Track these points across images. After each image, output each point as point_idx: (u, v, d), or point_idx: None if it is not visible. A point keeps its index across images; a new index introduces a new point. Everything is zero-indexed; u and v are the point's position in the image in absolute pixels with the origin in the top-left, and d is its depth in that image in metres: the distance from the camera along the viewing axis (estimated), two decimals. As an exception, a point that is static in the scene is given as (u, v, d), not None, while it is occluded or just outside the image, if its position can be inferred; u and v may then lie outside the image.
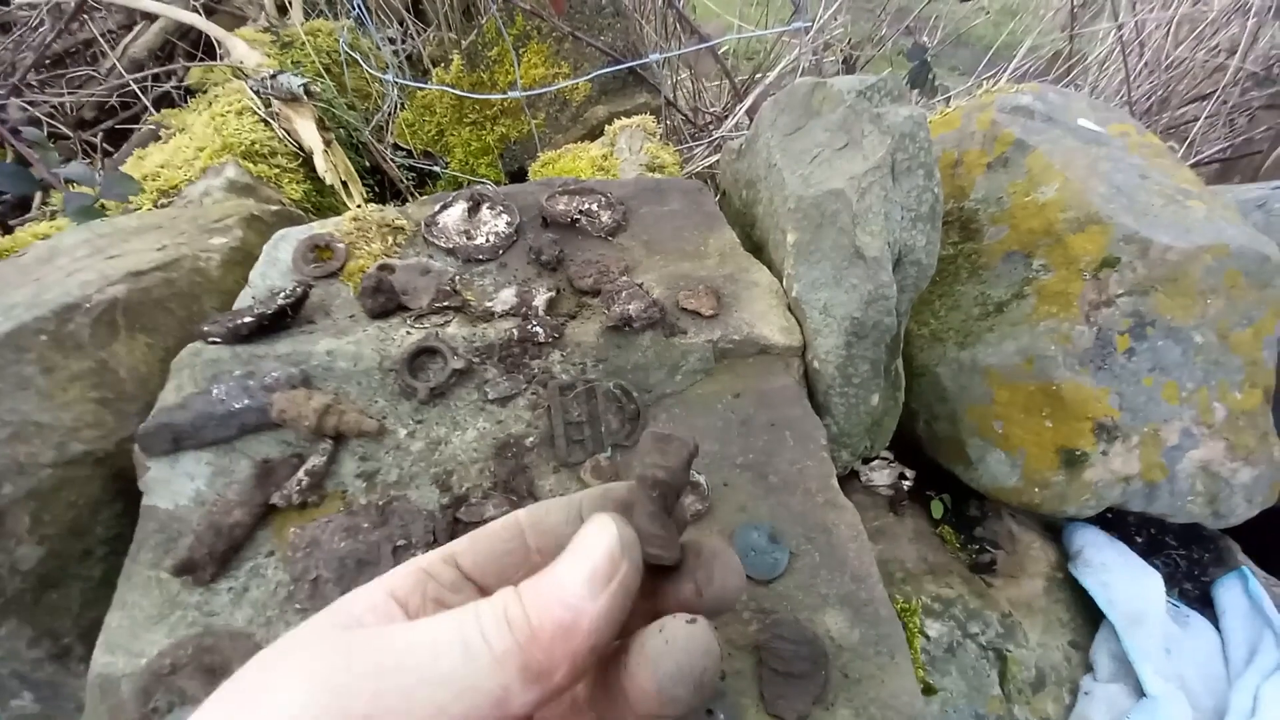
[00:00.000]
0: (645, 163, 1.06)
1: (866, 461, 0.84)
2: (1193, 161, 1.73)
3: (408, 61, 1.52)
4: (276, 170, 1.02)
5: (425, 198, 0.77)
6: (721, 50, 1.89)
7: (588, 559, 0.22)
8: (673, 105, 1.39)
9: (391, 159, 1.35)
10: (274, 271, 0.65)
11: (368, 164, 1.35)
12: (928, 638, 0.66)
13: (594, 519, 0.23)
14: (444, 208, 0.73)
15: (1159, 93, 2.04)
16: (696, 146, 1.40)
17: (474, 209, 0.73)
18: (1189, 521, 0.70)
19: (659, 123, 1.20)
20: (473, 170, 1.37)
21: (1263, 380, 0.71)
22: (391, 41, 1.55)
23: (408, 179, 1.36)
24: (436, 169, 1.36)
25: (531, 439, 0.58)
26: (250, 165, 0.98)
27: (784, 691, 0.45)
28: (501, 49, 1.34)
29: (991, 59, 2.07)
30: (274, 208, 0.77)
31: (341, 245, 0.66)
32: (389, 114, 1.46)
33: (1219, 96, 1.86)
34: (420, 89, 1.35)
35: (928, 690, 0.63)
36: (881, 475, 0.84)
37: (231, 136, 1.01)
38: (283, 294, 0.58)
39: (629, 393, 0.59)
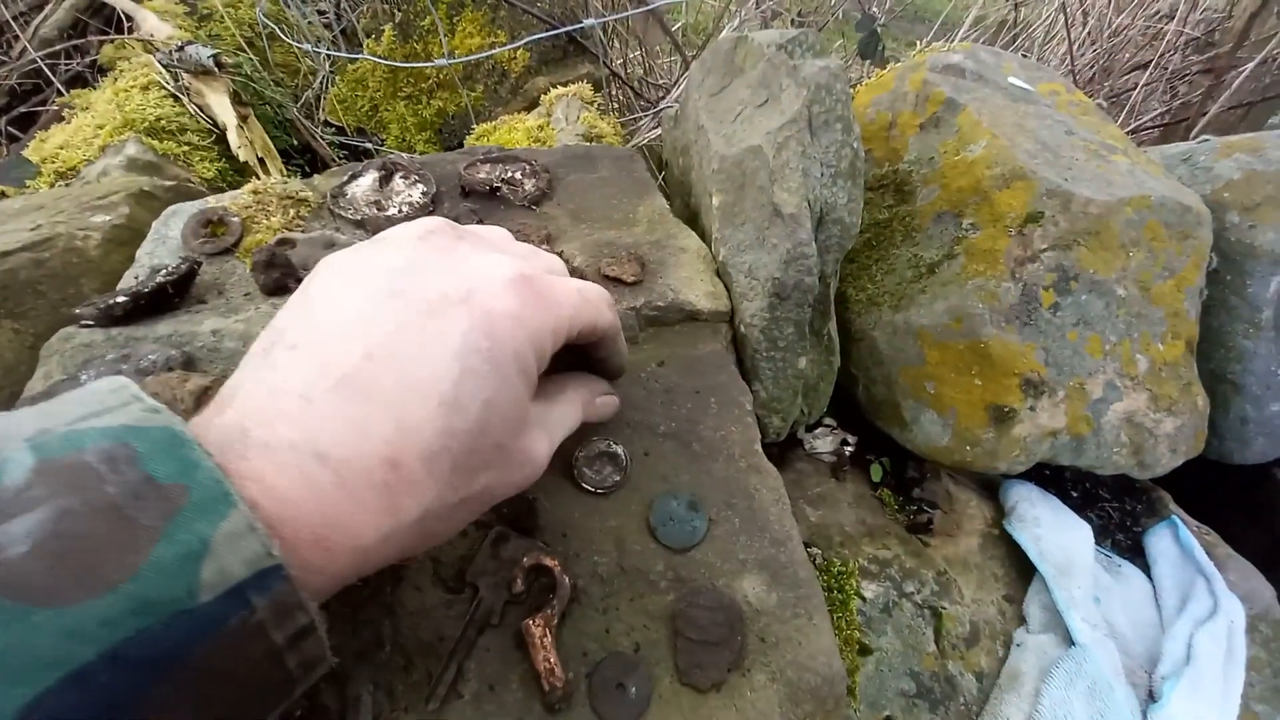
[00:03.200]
0: (582, 133, 1.03)
1: (811, 429, 0.83)
2: (1132, 128, 1.76)
3: (342, 36, 1.44)
4: (186, 148, 0.96)
5: (334, 169, 0.72)
6: (675, 28, 1.85)
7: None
8: (616, 76, 1.35)
9: (322, 137, 1.28)
10: (163, 250, 0.60)
11: (296, 142, 1.28)
12: (864, 599, 0.66)
13: None
14: (353, 178, 0.69)
15: (1102, 61, 2.06)
16: (642, 118, 1.36)
17: (386, 179, 0.69)
18: (1116, 473, 0.71)
19: (598, 93, 1.16)
20: (410, 147, 1.31)
21: (1185, 331, 0.72)
22: (322, 14, 1.48)
23: (340, 157, 1.29)
24: (370, 146, 1.30)
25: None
26: (155, 143, 0.92)
27: (700, 659, 0.43)
28: (434, 19, 1.28)
29: (939, 31, 2.07)
30: (169, 183, 0.72)
31: (236, 219, 0.61)
32: (320, 89, 1.39)
33: (1159, 63, 1.89)
34: (347, 59, 1.29)
35: (864, 651, 0.63)
36: (824, 443, 0.83)
37: (134, 112, 0.94)
38: (164, 271, 0.53)
39: (546, 364, 0.57)
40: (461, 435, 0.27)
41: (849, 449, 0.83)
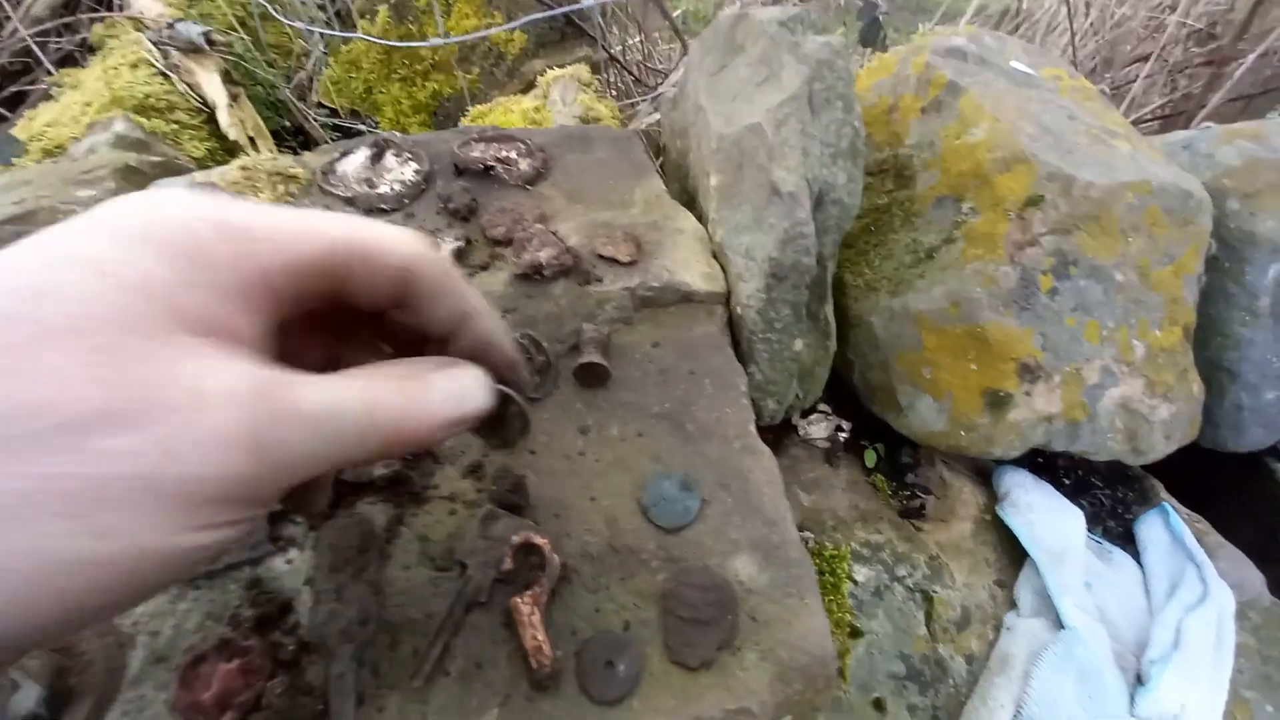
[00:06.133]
0: (579, 115, 1.01)
1: (805, 415, 0.83)
2: (1133, 119, 1.75)
3: (336, 17, 1.42)
4: (175, 126, 0.94)
5: (325, 145, 0.71)
6: (675, 14, 1.82)
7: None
8: (614, 59, 1.34)
9: (315, 118, 1.26)
10: (150, 224, 0.59)
11: (288, 124, 1.26)
12: (856, 582, 0.66)
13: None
14: (345, 155, 0.68)
15: (1103, 53, 2.05)
16: (640, 102, 1.35)
17: (378, 156, 0.68)
18: (1110, 459, 0.71)
19: (596, 75, 1.15)
20: (404, 129, 1.30)
21: (1183, 318, 0.72)
22: (316, -6, 1.45)
23: (334, 139, 1.28)
24: (364, 128, 1.28)
25: (436, 395, 0.54)
26: (143, 120, 0.90)
27: (690, 638, 0.43)
28: (429, -2, 1.25)
29: (942, 20, 2.05)
30: (156, 159, 0.70)
31: (225, 195, 0.60)
32: (314, 71, 1.37)
33: (1160, 55, 1.88)
34: (341, 39, 1.27)
35: (855, 634, 0.63)
36: (819, 428, 0.83)
37: (122, 90, 0.92)
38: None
39: (539, 343, 0.56)
40: None
41: (843, 435, 0.82)
